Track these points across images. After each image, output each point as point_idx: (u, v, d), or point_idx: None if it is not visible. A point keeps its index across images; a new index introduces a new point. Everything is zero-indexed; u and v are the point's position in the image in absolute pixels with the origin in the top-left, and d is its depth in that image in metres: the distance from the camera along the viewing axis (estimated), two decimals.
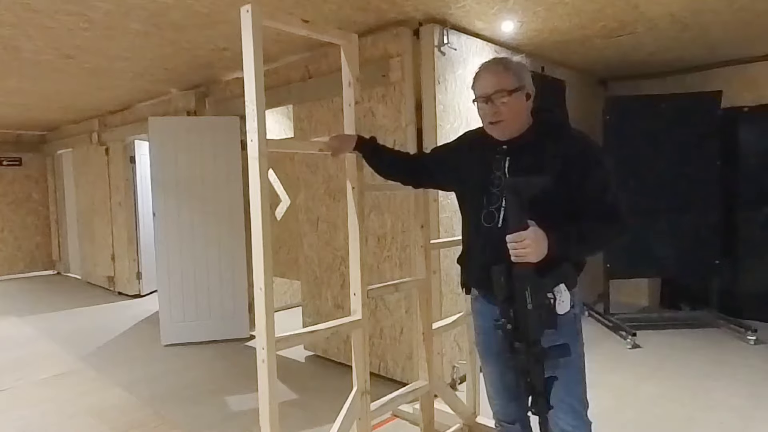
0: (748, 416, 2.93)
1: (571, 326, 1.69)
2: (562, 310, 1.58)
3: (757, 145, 4.73)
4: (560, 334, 1.62)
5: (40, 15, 2.97)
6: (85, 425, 3.07)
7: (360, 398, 2.18)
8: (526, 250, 1.51)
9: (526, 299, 1.55)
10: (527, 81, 1.68)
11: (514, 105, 1.65)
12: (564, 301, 1.57)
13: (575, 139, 1.67)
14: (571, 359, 1.64)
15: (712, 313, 4.63)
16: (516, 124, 1.67)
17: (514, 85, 1.64)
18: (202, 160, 4.56)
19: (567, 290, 1.58)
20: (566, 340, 1.61)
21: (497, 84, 1.64)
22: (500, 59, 1.75)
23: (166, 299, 4.56)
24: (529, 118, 1.70)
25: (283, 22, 1.90)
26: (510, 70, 1.67)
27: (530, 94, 1.68)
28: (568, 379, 1.68)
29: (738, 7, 3.20)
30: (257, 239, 1.78)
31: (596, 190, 1.61)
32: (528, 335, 1.57)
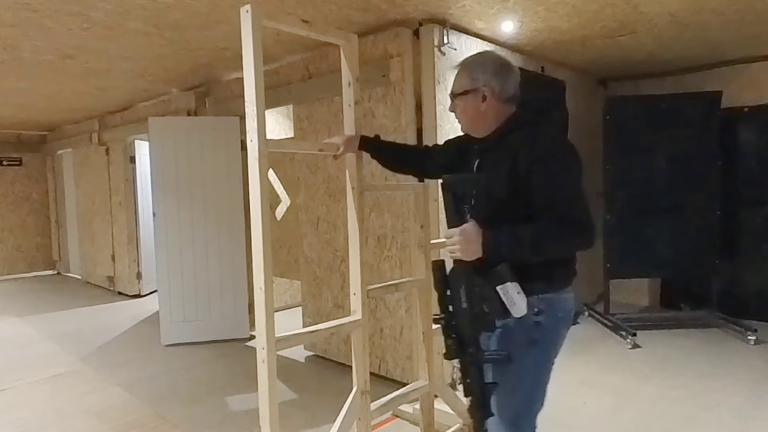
0: (748, 416, 2.93)
1: (524, 333, 1.57)
2: (516, 313, 1.49)
3: (757, 145, 4.73)
4: (506, 338, 1.58)
5: (40, 15, 2.97)
6: (85, 425, 3.07)
7: (360, 398, 2.18)
8: (455, 248, 1.50)
9: (461, 297, 1.54)
10: (484, 80, 1.62)
11: (466, 107, 1.65)
12: (516, 303, 1.48)
13: (532, 134, 1.58)
14: (511, 368, 1.56)
15: (712, 313, 4.62)
16: (474, 124, 1.67)
17: (465, 88, 1.65)
18: (202, 160, 4.56)
19: (521, 293, 1.48)
20: (511, 347, 1.56)
21: (454, 87, 1.69)
22: (464, 60, 1.71)
23: (166, 299, 4.56)
24: (502, 116, 1.64)
25: (283, 22, 1.90)
26: (465, 71, 1.66)
27: (486, 94, 1.62)
28: (505, 386, 1.60)
29: (738, 7, 3.20)
30: (257, 239, 1.78)
31: (543, 188, 1.50)
32: (463, 335, 1.56)
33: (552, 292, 1.58)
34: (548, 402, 1.70)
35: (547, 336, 1.60)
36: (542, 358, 1.61)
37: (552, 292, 1.58)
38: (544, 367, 1.63)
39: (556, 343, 1.64)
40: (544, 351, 1.61)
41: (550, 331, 1.60)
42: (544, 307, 1.57)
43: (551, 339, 1.62)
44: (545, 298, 1.57)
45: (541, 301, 1.56)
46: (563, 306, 1.62)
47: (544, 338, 1.59)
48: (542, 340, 1.59)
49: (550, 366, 1.65)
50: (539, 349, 1.60)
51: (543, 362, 1.62)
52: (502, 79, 1.63)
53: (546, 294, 1.57)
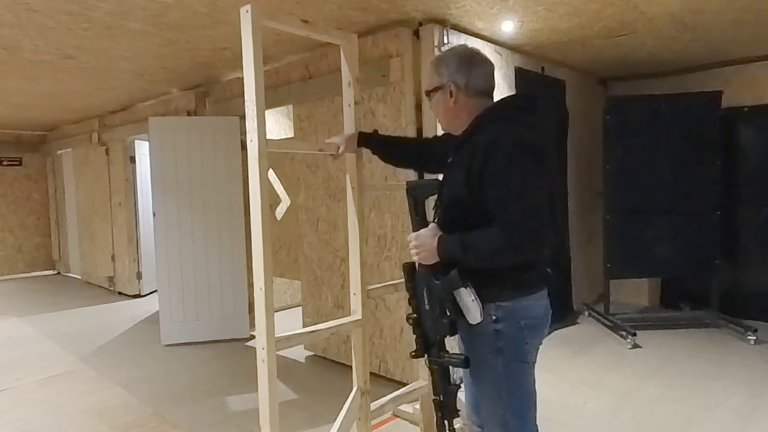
0: (748, 416, 2.92)
1: (487, 340, 1.54)
2: (471, 320, 1.48)
3: (757, 145, 4.73)
4: (473, 346, 1.57)
5: (40, 15, 2.97)
6: (85, 425, 3.07)
7: (360, 398, 2.18)
8: (413, 251, 1.52)
9: (424, 299, 1.56)
10: (448, 76, 1.59)
11: (437, 104, 1.65)
12: (470, 310, 1.47)
13: (491, 132, 1.50)
14: (485, 376, 1.56)
15: (712, 313, 4.62)
16: (448, 122, 1.65)
17: (432, 85, 1.64)
18: (202, 160, 4.56)
19: (475, 300, 1.46)
20: (478, 354, 1.55)
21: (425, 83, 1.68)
22: (434, 57, 1.70)
23: (166, 299, 4.56)
24: (475, 111, 1.59)
25: (283, 22, 1.90)
26: (433, 68, 1.64)
27: (453, 91, 1.58)
28: (484, 395, 1.60)
29: (738, 7, 3.20)
30: (257, 239, 1.78)
31: (491, 191, 1.44)
32: (427, 336, 1.57)
33: (510, 300, 1.51)
34: (548, 402, 1.71)
35: (511, 344, 1.53)
36: (512, 365, 1.54)
37: (510, 300, 1.51)
38: (519, 372, 1.56)
39: (524, 350, 1.56)
40: (512, 359, 1.54)
41: (513, 339, 1.53)
42: (502, 315, 1.51)
43: (517, 347, 1.54)
44: (503, 306, 1.51)
45: (498, 309, 1.51)
46: (526, 313, 1.54)
47: (508, 346, 1.53)
48: (506, 348, 1.53)
49: (526, 370, 1.58)
50: (506, 357, 1.53)
51: (514, 369, 1.54)
52: (466, 72, 1.58)
53: (504, 302, 1.51)
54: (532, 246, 1.44)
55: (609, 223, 4.61)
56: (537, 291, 1.57)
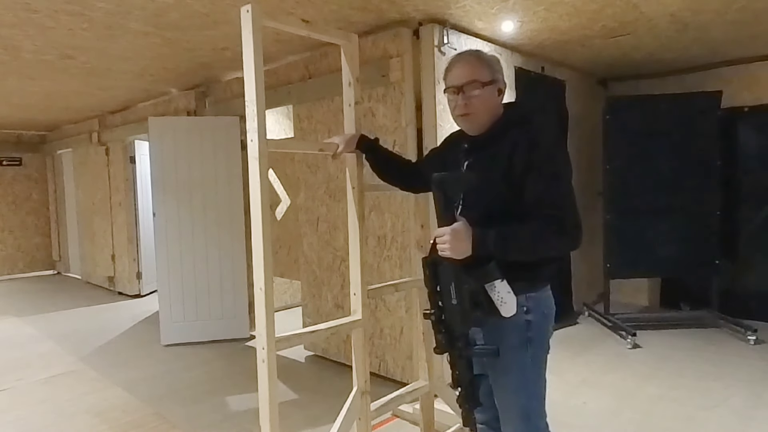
0: (748, 416, 2.93)
1: (518, 332, 1.60)
2: (506, 312, 1.52)
3: (757, 145, 4.73)
4: (502, 337, 1.60)
5: (40, 15, 2.97)
6: (85, 425, 3.07)
7: (360, 398, 2.18)
8: (445, 246, 1.51)
9: (451, 294, 1.56)
10: (500, 75, 1.65)
11: (486, 98, 1.62)
12: (506, 302, 1.51)
13: (530, 132, 1.57)
14: (511, 368, 1.61)
15: (712, 313, 4.62)
16: (485, 117, 1.63)
17: (488, 78, 1.61)
18: (202, 160, 4.56)
19: (510, 292, 1.51)
20: (506, 347, 1.58)
21: (471, 74, 1.61)
22: (475, 50, 1.70)
23: (166, 299, 4.56)
24: (498, 114, 1.65)
25: (283, 22, 1.90)
26: (484, 61, 1.64)
27: (502, 89, 1.65)
28: (508, 387, 1.64)
29: (738, 7, 3.20)
30: (257, 239, 1.78)
31: (536, 187, 1.51)
32: (453, 330, 1.58)
33: (536, 291, 1.61)
34: (548, 402, 1.71)
35: (539, 333, 1.64)
36: (539, 354, 1.65)
37: (536, 291, 1.61)
38: (542, 361, 1.67)
39: (548, 339, 1.68)
40: (539, 347, 1.64)
41: (540, 329, 1.64)
42: (532, 306, 1.60)
43: (543, 336, 1.66)
44: (532, 297, 1.60)
45: (528, 300, 1.59)
46: (548, 303, 1.66)
47: (536, 336, 1.62)
48: (536, 337, 1.62)
49: (546, 360, 1.68)
50: (534, 347, 1.62)
51: (539, 358, 1.65)
52: (503, 75, 1.68)
53: (531, 293, 1.60)
54: (573, 241, 1.52)
55: (609, 223, 4.61)
56: (548, 284, 1.68)
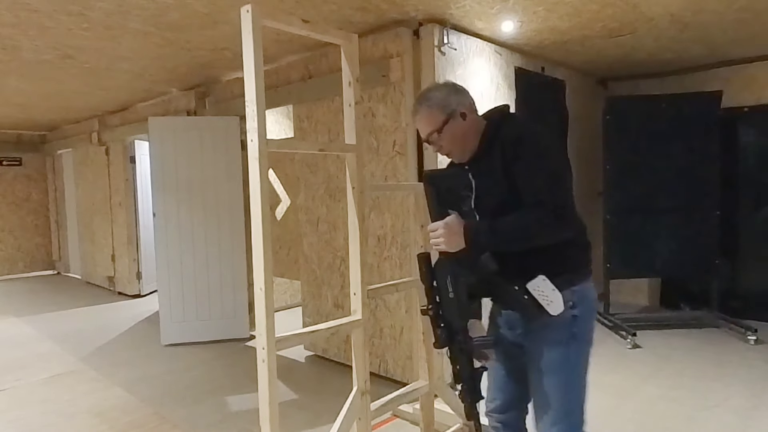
0: (748, 416, 2.93)
1: (563, 329, 1.57)
2: (554, 310, 1.49)
3: (757, 145, 4.73)
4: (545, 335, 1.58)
5: (40, 15, 2.97)
6: (85, 425, 3.07)
7: (360, 398, 2.18)
8: (439, 240, 1.54)
9: (448, 288, 1.57)
10: (455, 102, 1.63)
11: (453, 133, 1.63)
12: (552, 300, 1.48)
13: (511, 127, 1.60)
14: (555, 365, 1.58)
15: (712, 313, 4.62)
16: (465, 145, 1.65)
17: (441, 120, 1.62)
18: (202, 160, 4.56)
19: (555, 289, 1.47)
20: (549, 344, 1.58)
21: (426, 127, 1.65)
22: (420, 98, 1.70)
23: (166, 299, 4.56)
24: (480, 129, 1.66)
25: (283, 22, 1.90)
26: (433, 106, 1.64)
27: (465, 113, 1.63)
28: (550, 386, 1.60)
29: (738, 7, 3.20)
30: (257, 239, 1.78)
31: (524, 174, 1.51)
32: (451, 324, 1.58)
33: (581, 283, 1.59)
34: None
35: (584, 328, 1.62)
36: (583, 349, 1.63)
37: (581, 283, 1.59)
38: (587, 357, 1.64)
39: (592, 333, 1.65)
40: (584, 343, 1.62)
41: (586, 323, 1.61)
42: (578, 300, 1.57)
43: (588, 331, 1.64)
44: (577, 290, 1.56)
45: (573, 294, 1.55)
46: (592, 295, 1.63)
47: (581, 331, 1.60)
48: (580, 333, 1.60)
49: (590, 354, 1.65)
50: (579, 342, 1.60)
51: (584, 354, 1.63)
52: (464, 94, 1.68)
53: (575, 286, 1.57)
54: (563, 225, 1.49)
55: (609, 223, 4.61)
56: (591, 273, 1.66)
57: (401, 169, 3.32)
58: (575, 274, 1.58)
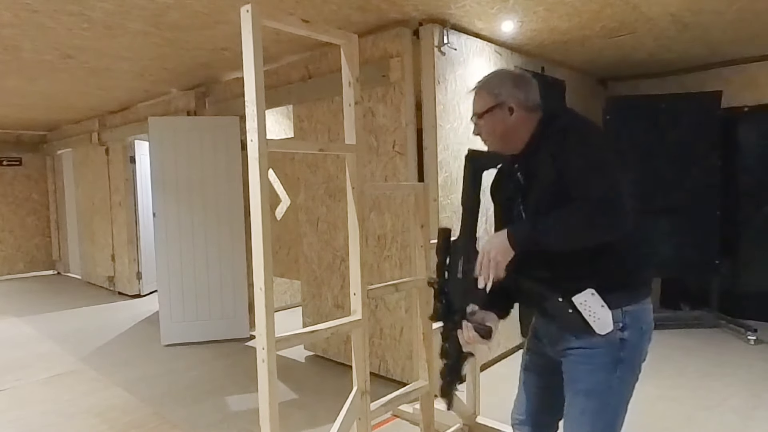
0: (748, 416, 2.93)
1: (609, 351, 1.45)
2: (601, 330, 1.39)
3: (757, 145, 4.73)
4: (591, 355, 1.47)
5: (40, 15, 2.97)
6: (85, 425, 3.07)
7: (360, 398, 2.18)
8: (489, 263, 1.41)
9: (458, 268, 1.55)
10: (506, 94, 1.57)
11: (493, 125, 1.58)
12: (600, 318, 1.37)
13: (559, 121, 1.52)
14: (595, 388, 1.49)
15: (712, 313, 4.62)
16: (505, 141, 1.59)
17: (485, 107, 1.58)
18: (202, 160, 4.56)
19: (604, 306, 1.37)
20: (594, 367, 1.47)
21: (473, 108, 1.63)
22: (481, 81, 1.65)
23: (166, 299, 4.56)
24: (529, 129, 1.57)
25: (283, 22, 1.90)
26: (483, 91, 1.61)
27: (513, 107, 1.56)
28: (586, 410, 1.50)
29: (738, 7, 3.20)
30: (257, 239, 1.78)
31: (567, 167, 1.41)
32: (452, 303, 1.57)
33: (635, 304, 1.46)
34: None
35: (633, 353, 1.49)
36: (628, 375, 1.51)
37: (635, 304, 1.46)
38: (631, 385, 1.53)
39: (641, 359, 1.53)
40: (629, 370, 1.50)
41: (635, 347, 1.48)
42: (629, 321, 1.44)
43: (637, 356, 1.50)
44: (629, 312, 1.44)
45: (625, 315, 1.44)
46: (646, 318, 1.49)
47: (629, 356, 1.48)
48: (628, 357, 1.47)
49: (635, 383, 1.54)
50: (624, 368, 1.48)
51: (628, 383, 1.51)
52: (524, 87, 1.59)
53: (629, 306, 1.44)
54: (611, 223, 1.35)
55: None
56: (649, 294, 1.54)
57: (401, 169, 3.32)
58: (630, 293, 1.46)
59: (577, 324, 1.41)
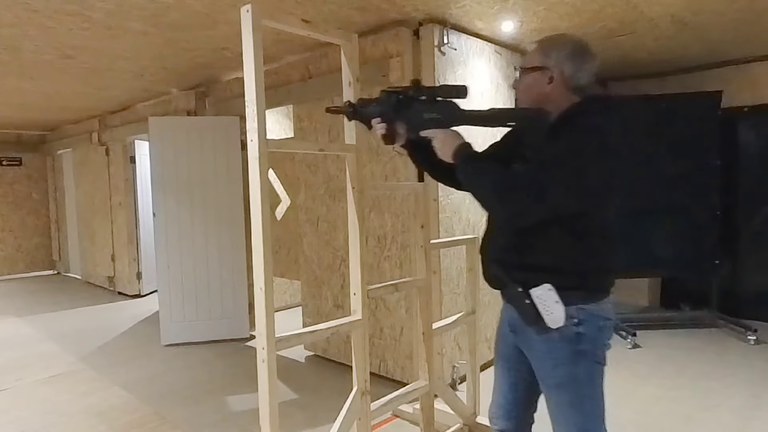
0: (748, 416, 2.93)
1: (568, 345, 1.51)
2: (552, 323, 1.45)
3: (757, 145, 4.73)
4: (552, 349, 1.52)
5: (40, 15, 2.97)
6: (85, 425, 3.07)
7: (360, 398, 2.18)
8: (436, 141, 1.58)
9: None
10: (554, 61, 1.52)
11: (529, 84, 1.57)
12: (553, 312, 1.44)
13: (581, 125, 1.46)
14: (564, 381, 1.53)
15: (712, 313, 4.62)
16: (534, 104, 1.56)
17: (533, 63, 1.56)
18: (202, 160, 4.56)
19: (558, 302, 1.44)
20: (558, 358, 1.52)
21: (524, 60, 1.62)
22: (545, 37, 1.63)
23: (166, 299, 4.56)
24: (562, 103, 1.53)
25: (283, 22, 1.90)
26: (538, 48, 1.58)
27: (554, 77, 1.52)
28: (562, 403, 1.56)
29: (738, 7, 3.20)
30: (257, 239, 1.78)
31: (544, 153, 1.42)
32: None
33: (592, 303, 1.51)
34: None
35: (592, 345, 1.54)
36: (592, 366, 1.55)
37: (592, 303, 1.51)
38: (598, 376, 1.56)
39: (603, 352, 1.58)
40: (593, 360, 1.54)
41: (593, 341, 1.53)
42: (585, 317, 1.50)
43: (598, 347, 1.55)
44: (585, 309, 1.49)
45: (580, 311, 1.49)
46: (604, 315, 1.54)
47: (589, 348, 1.53)
48: (588, 350, 1.52)
49: (603, 374, 1.58)
50: (587, 359, 1.53)
51: (594, 373, 1.55)
52: (577, 64, 1.52)
53: (585, 305, 1.50)
54: (516, 198, 1.39)
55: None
56: (609, 294, 1.57)
57: (401, 169, 3.32)
58: (588, 293, 1.51)
59: (531, 315, 1.46)
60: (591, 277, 1.51)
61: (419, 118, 1.61)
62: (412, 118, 1.63)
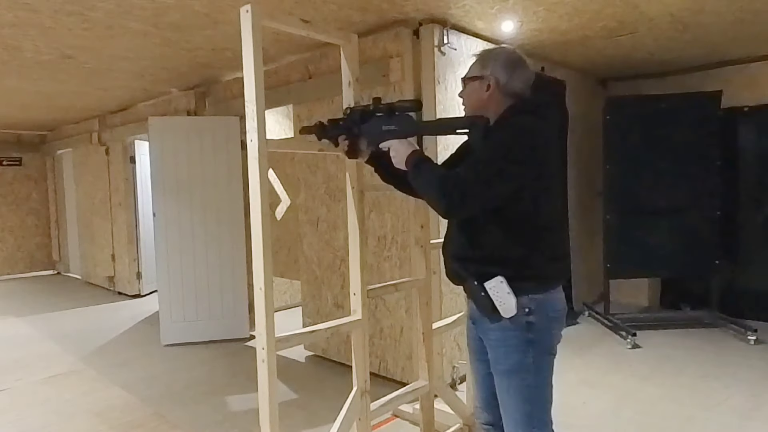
0: (748, 416, 2.93)
1: (518, 333, 1.59)
2: (505, 313, 1.54)
3: (757, 145, 4.73)
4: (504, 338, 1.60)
5: (40, 15, 2.97)
6: (85, 425, 3.07)
7: (360, 398, 2.18)
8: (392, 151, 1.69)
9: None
10: (491, 70, 1.65)
11: (469, 93, 1.72)
12: (505, 303, 1.54)
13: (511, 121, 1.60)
14: (513, 369, 1.61)
15: (712, 313, 4.62)
16: (474, 111, 1.70)
17: (473, 74, 1.70)
18: (202, 160, 4.56)
19: (510, 293, 1.53)
20: (509, 347, 1.60)
21: (467, 72, 1.74)
22: (483, 50, 1.75)
23: (166, 299, 4.56)
24: (499, 108, 1.65)
25: (283, 22, 1.90)
26: (479, 59, 1.71)
27: (491, 85, 1.65)
28: (509, 390, 1.64)
29: (738, 7, 3.20)
30: (257, 239, 1.78)
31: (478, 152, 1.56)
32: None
33: (541, 293, 1.60)
34: None
35: (542, 336, 1.62)
36: (542, 356, 1.62)
37: (541, 293, 1.60)
38: (547, 365, 1.64)
39: (553, 342, 1.66)
40: (542, 351, 1.62)
41: (543, 331, 1.62)
42: (535, 307, 1.58)
43: (546, 339, 1.63)
44: (535, 299, 1.58)
45: (531, 301, 1.57)
46: (554, 306, 1.64)
47: (539, 338, 1.61)
48: (538, 339, 1.61)
49: (552, 363, 1.66)
50: (537, 349, 1.61)
51: (543, 362, 1.63)
52: (509, 72, 1.65)
53: (536, 294, 1.58)
54: (445, 202, 1.50)
55: (609, 223, 4.61)
56: (559, 284, 1.67)
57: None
58: (537, 284, 1.59)
59: (486, 306, 1.56)
60: (537, 267, 1.59)
61: (378, 130, 1.74)
62: (371, 131, 1.77)
